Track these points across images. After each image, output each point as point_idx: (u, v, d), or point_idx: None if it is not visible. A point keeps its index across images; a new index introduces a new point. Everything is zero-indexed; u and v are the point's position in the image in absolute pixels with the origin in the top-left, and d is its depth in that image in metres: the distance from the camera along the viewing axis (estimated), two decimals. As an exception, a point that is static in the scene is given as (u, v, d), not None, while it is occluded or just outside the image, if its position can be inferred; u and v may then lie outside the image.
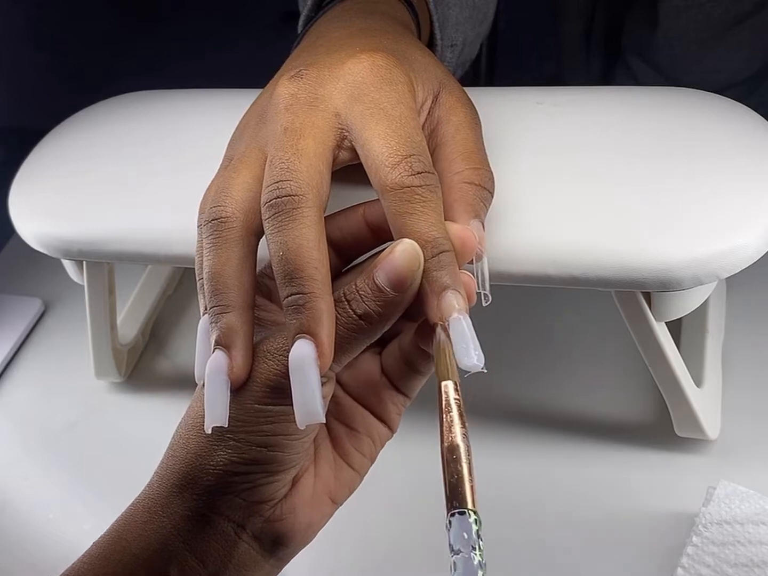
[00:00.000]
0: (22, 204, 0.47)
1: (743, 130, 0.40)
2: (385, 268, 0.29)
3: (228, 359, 0.29)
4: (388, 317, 0.29)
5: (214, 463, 0.30)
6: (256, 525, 0.31)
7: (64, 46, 1.11)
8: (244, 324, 0.30)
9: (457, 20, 0.48)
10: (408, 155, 0.30)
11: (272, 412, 0.30)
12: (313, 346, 0.28)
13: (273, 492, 0.31)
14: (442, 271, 0.29)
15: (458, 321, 0.28)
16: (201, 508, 0.31)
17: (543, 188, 0.38)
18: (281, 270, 0.29)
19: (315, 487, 0.33)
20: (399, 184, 0.30)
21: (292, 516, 0.32)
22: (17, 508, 0.51)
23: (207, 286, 0.31)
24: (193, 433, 0.31)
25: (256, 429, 0.30)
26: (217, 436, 0.30)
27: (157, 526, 0.31)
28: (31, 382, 0.59)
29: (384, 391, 0.34)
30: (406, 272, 0.28)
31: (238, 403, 0.30)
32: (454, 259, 0.29)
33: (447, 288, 0.29)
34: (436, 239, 0.29)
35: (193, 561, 0.31)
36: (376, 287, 0.29)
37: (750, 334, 0.52)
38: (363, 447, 0.34)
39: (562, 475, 0.47)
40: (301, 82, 0.33)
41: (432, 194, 0.30)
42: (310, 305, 0.28)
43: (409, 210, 0.29)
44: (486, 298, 0.32)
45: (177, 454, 0.32)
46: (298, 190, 0.29)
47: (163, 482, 0.32)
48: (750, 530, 0.40)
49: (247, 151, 0.33)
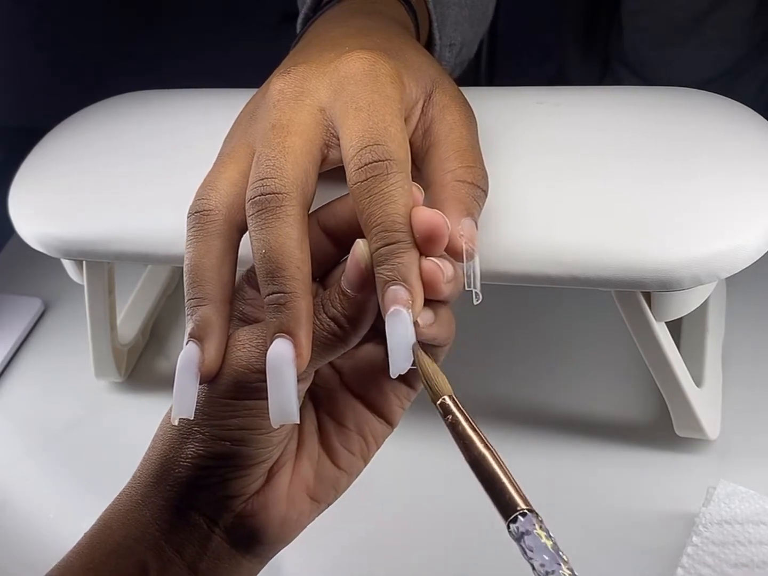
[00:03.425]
0: (22, 204, 0.47)
1: (743, 129, 0.40)
2: (345, 269, 0.29)
3: (200, 352, 0.30)
4: (356, 319, 0.29)
5: (184, 456, 0.31)
6: (227, 519, 0.32)
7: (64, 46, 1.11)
8: (220, 317, 0.30)
9: (456, 20, 0.48)
10: (361, 147, 0.29)
11: (238, 406, 0.30)
12: (291, 345, 0.28)
13: (242, 487, 0.31)
14: (383, 266, 0.28)
15: (394, 315, 0.28)
16: (175, 500, 0.31)
17: (543, 188, 0.38)
18: (263, 268, 0.29)
19: (292, 484, 0.33)
20: (353, 180, 0.29)
21: (264, 512, 0.32)
22: (17, 508, 0.51)
23: (185, 278, 0.31)
24: (170, 425, 0.32)
25: (222, 423, 0.30)
26: (187, 429, 0.31)
27: (138, 515, 0.31)
28: (31, 382, 0.59)
29: (387, 382, 0.34)
30: (358, 271, 0.28)
31: (206, 396, 0.30)
32: (400, 249, 0.28)
33: (387, 282, 0.28)
34: (381, 233, 0.28)
35: (170, 551, 0.31)
36: (340, 289, 0.29)
37: (750, 333, 0.52)
38: (352, 445, 0.34)
39: (562, 475, 0.47)
40: (287, 77, 0.33)
41: (381, 184, 0.29)
42: (291, 305, 0.28)
43: (363, 205, 0.29)
44: (477, 297, 0.31)
45: (155, 445, 0.32)
46: (282, 188, 0.29)
47: (143, 472, 0.32)
48: (750, 530, 0.40)
49: (236, 147, 0.33)
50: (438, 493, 0.47)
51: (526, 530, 0.25)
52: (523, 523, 0.25)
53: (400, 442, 0.38)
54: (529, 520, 0.25)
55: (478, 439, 0.27)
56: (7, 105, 0.93)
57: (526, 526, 0.25)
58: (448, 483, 0.47)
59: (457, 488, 0.48)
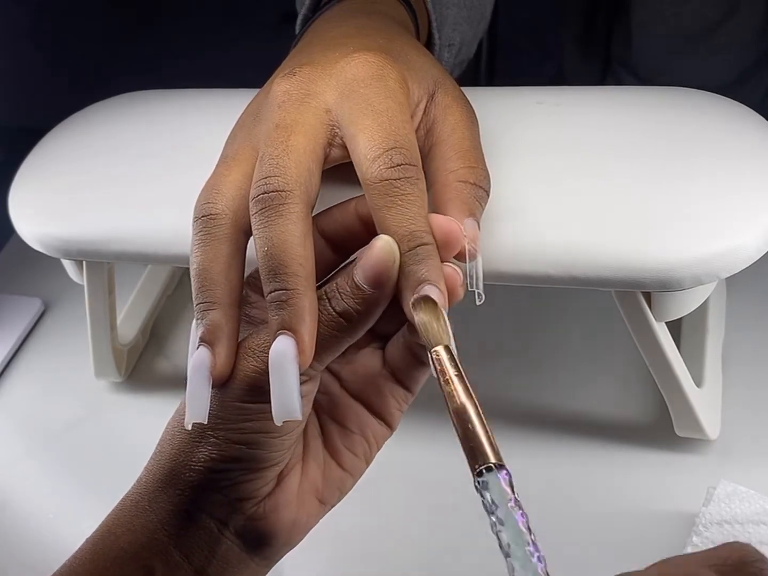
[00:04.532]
0: (22, 204, 0.47)
1: (743, 130, 0.40)
2: (362, 265, 0.29)
3: (211, 356, 0.30)
4: (367, 315, 0.29)
5: (196, 459, 0.31)
6: (238, 522, 0.31)
7: (64, 46, 1.11)
8: (230, 321, 0.30)
9: (455, 20, 0.48)
10: (389, 148, 0.30)
11: (252, 409, 0.30)
12: (293, 342, 0.28)
13: (254, 490, 0.31)
14: (417, 266, 0.29)
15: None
16: (184, 504, 0.31)
17: (543, 188, 0.38)
18: (266, 265, 0.29)
19: (301, 486, 0.33)
20: (377, 178, 0.29)
21: (275, 514, 0.32)
22: (17, 508, 0.51)
23: (194, 283, 0.31)
24: (178, 429, 0.32)
25: (236, 427, 0.30)
26: (199, 433, 0.31)
27: (144, 521, 0.31)
28: (31, 382, 0.59)
29: (385, 385, 0.34)
30: (382, 268, 0.28)
31: (219, 400, 0.30)
32: (433, 252, 0.29)
33: (423, 282, 0.28)
34: (413, 232, 0.29)
35: (177, 556, 0.31)
36: (354, 284, 0.29)
37: (750, 334, 0.52)
38: (356, 447, 0.34)
39: (562, 474, 0.47)
40: (293, 79, 0.33)
41: (412, 187, 0.30)
42: (293, 302, 0.28)
43: (388, 203, 0.29)
44: (479, 297, 0.32)
45: (164, 449, 0.32)
46: (285, 186, 0.29)
47: (150, 477, 0.32)
48: (750, 530, 0.40)
49: (240, 149, 0.33)
50: (438, 493, 0.47)
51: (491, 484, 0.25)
52: (490, 476, 0.25)
53: (400, 442, 0.38)
54: (495, 475, 0.25)
55: (463, 389, 0.27)
56: (7, 105, 0.93)
57: (491, 480, 0.25)
58: (449, 483, 0.47)
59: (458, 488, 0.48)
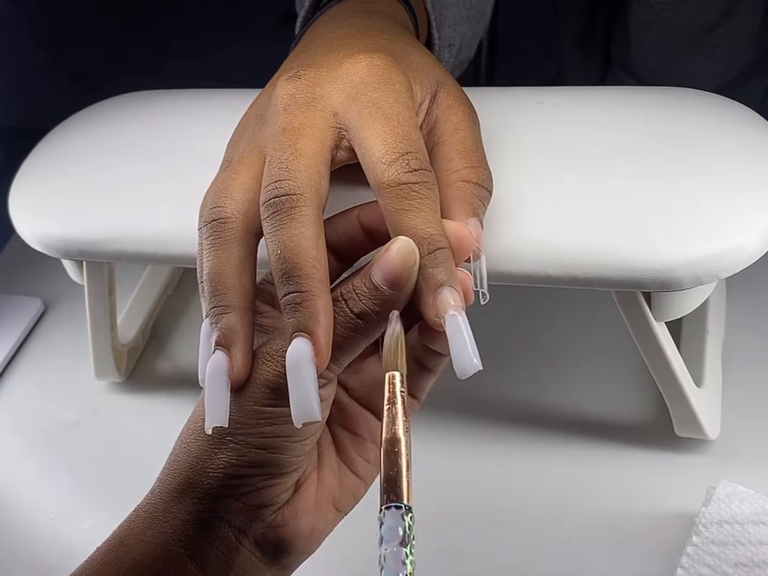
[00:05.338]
0: (22, 204, 0.47)
1: (743, 129, 0.40)
2: (381, 266, 0.29)
3: (228, 359, 0.29)
4: (385, 316, 0.29)
5: (215, 466, 0.30)
6: (257, 530, 0.31)
7: (64, 46, 1.11)
8: (245, 324, 0.30)
9: (455, 20, 0.48)
10: (405, 152, 0.30)
11: (272, 413, 0.29)
12: (309, 344, 0.28)
13: (274, 496, 0.31)
14: (438, 268, 0.29)
15: (454, 318, 0.28)
16: (202, 513, 0.30)
17: (543, 188, 0.38)
18: (279, 269, 0.29)
19: (318, 494, 0.33)
20: (395, 181, 0.29)
21: (294, 522, 0.31)
22: (17, 508, 0.51)
23: (207, 287, 0.31)
24: (194, 436, 0.31)
25: (255, 431, 0.30)
26: (218, 439, 0.30)
27: (158, 532, 0.31)
28: (31, 382, 0.59)
29: None
30: (402, 269, 0.28)
31: (238, 405, 0.30)
32: (450, 256, 0.29)
33: (443, 285, 0.29)
34: (432, 236, 0.29)
35: (193, 567, 0.30)
36: (373, 285, 0.29)
37: (750, 334, 0.52)
38: (368, 454, 0.34)
39: (562, 474, 0.47)
40: (299, 82, 0.33)
41: (428, 191, 0.30)
42: (308, 303, 0.28)
43: (405, 207, 0.29)
44: (484, 297, 0.32)
45: (179, 458, 0.31)
46: (296, 189, 0.29)
47: (165, 487, 0.31)
48: (750, 530, 0.40)
49: (246, 152, 0.33)
50: (438, 493, 0.47)
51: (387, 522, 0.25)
52: (391, 514, 0.25)
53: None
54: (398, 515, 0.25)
55: (405, 424, 0.27)
56: (7, 105, 0.93)
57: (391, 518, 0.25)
58: (449, 483, 0.48)
59: (458, 488, 0.48)
